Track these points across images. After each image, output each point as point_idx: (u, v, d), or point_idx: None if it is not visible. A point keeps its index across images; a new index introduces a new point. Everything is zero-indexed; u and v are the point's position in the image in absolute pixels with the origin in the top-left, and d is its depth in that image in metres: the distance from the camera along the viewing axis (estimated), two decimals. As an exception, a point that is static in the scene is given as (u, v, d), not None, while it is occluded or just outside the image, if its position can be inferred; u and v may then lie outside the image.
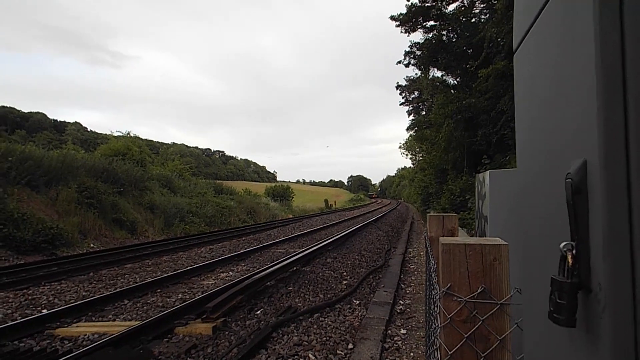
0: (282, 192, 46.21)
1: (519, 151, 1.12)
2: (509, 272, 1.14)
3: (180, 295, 6.68)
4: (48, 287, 7.33)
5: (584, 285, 0.66)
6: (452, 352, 1.15)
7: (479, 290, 1.15)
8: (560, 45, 0.76)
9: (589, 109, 0.61)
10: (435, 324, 1.36)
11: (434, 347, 1.38)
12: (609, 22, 0.59)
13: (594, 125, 0.60)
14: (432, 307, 1.75)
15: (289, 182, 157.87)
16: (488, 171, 2.18)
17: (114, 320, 5.42)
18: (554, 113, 0.80)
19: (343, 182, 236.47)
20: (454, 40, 17.92)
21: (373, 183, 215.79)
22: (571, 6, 0.70)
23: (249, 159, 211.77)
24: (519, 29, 1.08)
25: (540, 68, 0.90)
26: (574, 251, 0.67)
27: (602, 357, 0.59)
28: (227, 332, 4.85)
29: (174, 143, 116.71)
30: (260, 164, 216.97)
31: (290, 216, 32.57)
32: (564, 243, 0.68)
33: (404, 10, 18.32)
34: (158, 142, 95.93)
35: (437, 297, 1.27)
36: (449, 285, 1.17)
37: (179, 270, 8.27)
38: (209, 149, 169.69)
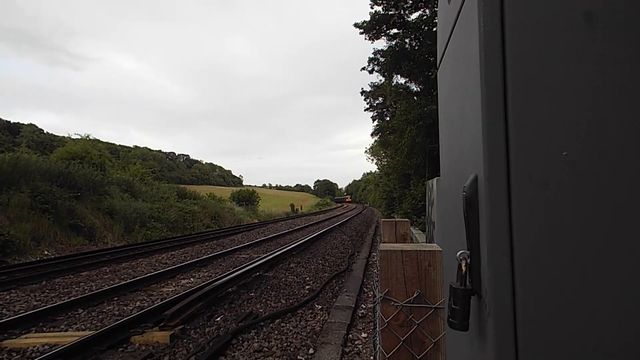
0: (248, 197, 45.76)
1: (441, 162, 1.19)
2: (442, 277, 1.20)
3: (138, 303, 6.51)
4: (-4, 297, 6.99)
5: (476, 292, 0.72)
6: (389, 355, 1.19)
7: (414, 295, 1.20)
8: (461, 70, 0.82)
9: (479, 127, 0.67)
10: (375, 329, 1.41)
11: (375, 351, 1.43)
12: (491, 50, 0.65)
13: (481, 143, 0.66)
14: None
15: (255, 186, 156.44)
16: (436, 178, 2.26)
17: (67, 330, 5.22)
18: (460, 130, 0.85)
19: (310, 187, 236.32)
20: (416, 48, 18.33)
21: (339, 187, 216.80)
22: (466, 32, 0.76)
23: (215, 163, 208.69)
24: (439, 47, 1.15)
25: (451, 88, 0.97)
26: (468, 260, 0.72)
27: (488, 358, 0.64)
28: (185, 340, 4.77)
29: (136, 146, 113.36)
30: (226, 168, 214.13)
31: (256, 221, 32.29)
32: (460, 252, 0.74)
33: (368, 18, 18.62)
34: (119, 145, 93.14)
35: (376, 303, 1.31)
36: (386, 290, 1.22)
37: (138, 277, 8.05)
38: (173, 153, 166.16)
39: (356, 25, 19.23)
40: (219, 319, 5.56)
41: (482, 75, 0.66)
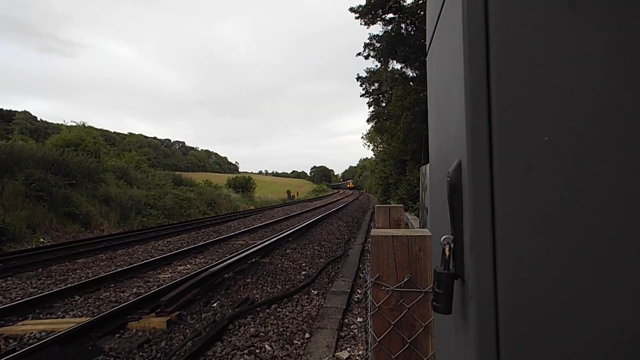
0: (244, 183, 45.72)
1: (430, 148, 1.20)
2: (432, 261, 1.21)
3: (134, 289, 6.54)
4: (-8, 284, 7.00)
5: (459, 276, 0.73)
6: (380, 338, 1.21)
7: (405, 280, 1.21)
8: (447, 56, 0.82)
9: (462, 113, 0.67)
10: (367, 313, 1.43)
11: (367, 334, 1.45)
12: (475, 36, 0.65)
13: (464, 128, 0.66)
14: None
15: (251, 173, 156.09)
16: (428, 164, 2.26)
17: (63, 317, 5.25)
18: (446, 116, 0.86)
19: (306, 173, 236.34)
20: (412, 33, 18.19)
21: (336, 174, 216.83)
22: (451, 18, 0.76)
23: (211, 150, 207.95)
24: (428, 33, 1.15)
25: (438, 74, 0.97)
26: (452, 244, 0.73)
27: (470, 340, 0.66)
28: (182, 326, 4.81)
29: (131, 133, 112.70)
30: (222, 155, 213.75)
31: (252, 207, 32.34)
32: (444, 237, 0.74)
33: (364, 3, 18.43)
34: (114, 133, 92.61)
35: (367, 287, 1.33)
36: (377, 275, 1.23)
37: (135, 264, 8.08)
38: (169, 140, 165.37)
39: (352, 9, 19.06)
40: (215, 304, 5.60)
41: (465, 61, 0.66)
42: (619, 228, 0.60)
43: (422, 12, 17.48)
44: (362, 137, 53.03)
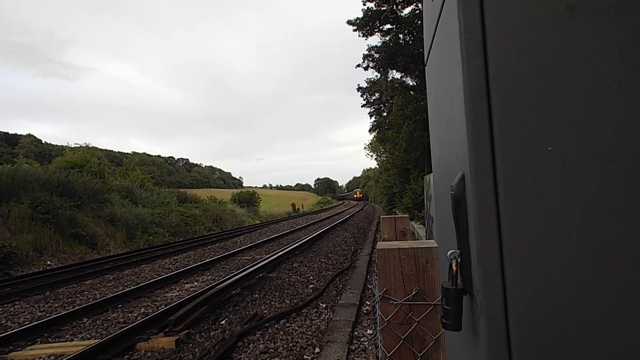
0: (249, 198, 45.71)
1: (432, 159, 1.19)
2: (440, 272, 1.19)
3: (142, 309, 6.51)
4: (0, 309, 6.99)
5: (467, 291, 0.71)
6: (390, 353, 1.19)
7: (413, 293, 1.20)
8: (446, 67, 0.81)
9: (464, 125, 0.67)
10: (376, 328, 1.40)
11: (377, 350, 1.43)
12: (472, 47, 0.65)
13: (466, 140, 0.65)
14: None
15: (256, 187, 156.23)
16: (432, 173, 2.25)
17: (72, 340, 5.23)
18: (447, 127, 0.85)
19: (310, 185, 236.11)
20: (410, 42, 18.29)
21: (340, 185, 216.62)
22: (448, 29, 0.76)
23: (214, 166, 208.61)
24: (426, 43, 1.15)
25: (438, 85, 0.96)
26: (458, 259, 0.72)
27: (482, 356, 0.64)
28: (190, 345, 4.77)
29: (134, 152, 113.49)
30: (226, 170, 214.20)
31: (258, 222, 32.28)
32: (450, 251, 0.73)
33: (361, 15, 18.60)
34: (118, 152, 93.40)
35: (375, 301, 1.31)
36: (385, 289, 1.21)
37: (142, 284, 8.06)
38: (172, 157, 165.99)
39: (349, 22, 19.22)
40: (223, 322, 5.57)
41: (464, 73, 0.66)
42: (628, 237, 0.59)
43: (419, 22, 17.60)
44: (365, 148, 53.09)
